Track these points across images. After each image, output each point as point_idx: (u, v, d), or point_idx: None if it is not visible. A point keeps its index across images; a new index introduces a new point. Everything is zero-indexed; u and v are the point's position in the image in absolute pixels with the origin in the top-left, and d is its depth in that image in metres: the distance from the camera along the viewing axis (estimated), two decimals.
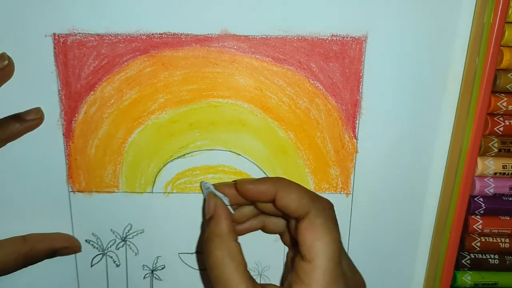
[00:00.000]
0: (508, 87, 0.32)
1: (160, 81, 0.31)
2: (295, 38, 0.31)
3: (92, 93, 0.31)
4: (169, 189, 0.34)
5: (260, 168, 0.34)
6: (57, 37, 0.30)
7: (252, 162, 0.33)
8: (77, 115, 0.32)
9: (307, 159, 0.33)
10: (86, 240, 0.35)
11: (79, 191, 0.33)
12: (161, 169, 0.33)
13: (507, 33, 0.31)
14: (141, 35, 0.30)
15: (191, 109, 0.32)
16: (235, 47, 0.31)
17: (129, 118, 0.32)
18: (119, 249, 0.35)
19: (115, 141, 0.32)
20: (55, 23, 0.30)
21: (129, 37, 0.30)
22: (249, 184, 0.28)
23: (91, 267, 0.35)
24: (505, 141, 0.33)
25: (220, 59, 0.31)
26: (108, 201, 0.34)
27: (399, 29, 0.31)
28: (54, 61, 0.30)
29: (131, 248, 0.35)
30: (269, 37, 0.31)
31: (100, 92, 0.31)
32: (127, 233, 0.35)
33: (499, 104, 0.32)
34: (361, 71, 0.32)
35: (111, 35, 0.30)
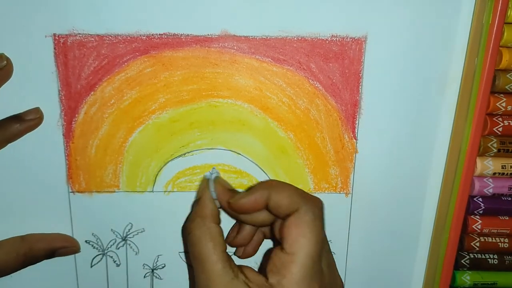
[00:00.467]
0: (507, 87, 0.32)
1: (160, 81, 0.31)
2: (295, 38, 0.31)
3: (92, 93, 0.31)
4: (170, 188, 0.34)
5: (260, 167, 0.34)
6: (57, 38, 0.30)
7: (252, 161, 0.34)
8: (77, 115, 0.32)
9: (307, 159, 0.34)
10: (86, 240, 0.34)
11: (79, 192, 0.33)
12: (162, 168, 0.33)
13: (506, 34, 0.31)
14: (141, 35, 0.30)
15: (191, 109, 0.32)
16: (235, 48, 0.31)
17: (130, 118, 0.32)
18: (119, 249, 0.35)
19: (115, 141, 0.32)
20: (55, 23, 0.30)
21: (129, 38, 0.30)
22: (242, 199, 0.28)
23: (91, 267, 0.35)
24: (504, 141, 0.33)
25: (220, 59, 0.31)
26: (108, 201, 0.34)
27: (399, 30, 0.31)
28: (54, 62, 0.30)
29: (131, 247, 0.35)
30: (269, 37, 0.31)
31: (100, 92, 0.31)
32: (128, 233, 0.35)
33: (498, 104, 0.32)
34: (360, 71, 0.32)
35: (111, 36, 0.30)
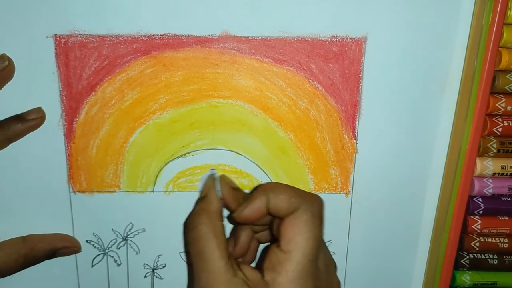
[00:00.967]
0: (506, 88, 0.32)
1: (161, 81, 0.31)
2: (295, 39, 0.31)
3: (93, 93, 0.32)
4: (170, 188, 0.34)
5: (260, 167, 0.34)
6: (58, 38, 0.30)
7: (252, 161, 0.34)
8: (78, 115, 0.32)
9: (307, 159, 0.34)
10: (86, 240, 0.35)
11: (79, 192, 0.33)
12: (162, 168, 0.33)
13: (505, 34, 0.31)
14: (142, 36, 0.30)
15: (192, 109, 0.32)
16: (236, 48, 0.31)
17: (130, 118, 0.32)
18: (120, 249, 0.35)
19: (116, 141, 0.33)
20: (57, 24, 0.30)
21: (130, 38, 0.30)
22: (244, 210, 0.28)
23: (92, 267, 0.35)
24: (504, 142, 0.33)
25: (220, 60, 0.31)
26: (109, 201, 0.34)
27: (399, 30, 0.31)
28: (55, 62, 0.31)
29: (132, 247, 0.35)
30: (269, 38, 0.31)
31: (101, 92, 0.32)
32: (128, 233, 0.35)
33: (497, 105, 0.32)
34: (360, 72, 0.32)
35: (112, 36, 0.30)
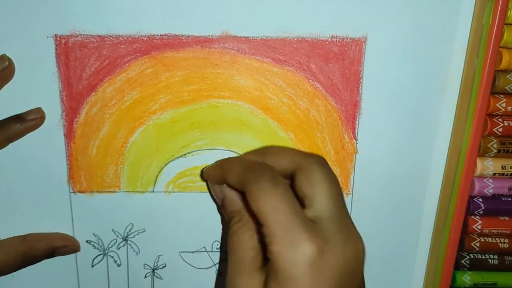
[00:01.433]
0: (507, 88, 0.32)
1: (161, 81, 0.31)
2: (295, 39, 0.31)
3: (93, 93, 0.32)
4: (171, 189, 0.34)
5: None
6: (58, 38, 0.30)
7: None
8: (78, 115, 0.32)
9: None
10: (87, 240, 0.35)
11: (80, 192, 0.33)
12: (163, 168, 0.33)
13: (506, 35, 0.31)
14: (142, 36, 0.30)
15: (192, 109, 0.32)
16: (236, 48, 0.31)
17: (131, 118, 0.32)
18: (120, 249, 0.35)
19: (116, 141, 0.33)
20: (57, 24, 0.30)
21: (130, 38, 0.30)
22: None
23: (92, 267, 0.35)
24: (504, 142, 0.33)
25: (220, 60, 0.31)
26: (109, 201, 0.34)
27: (399, 30, 0.31)
28: (55, 62, 0.31)
29: (132, 247, 0.35)
30: (269, 38, 0.31)
31: (101, 92, 0.32)
32: (129, 233, 0.35)
33: (498, 105, 0.32)
34: (360, 72, 0.32)
35: (112, 36, 0.30)
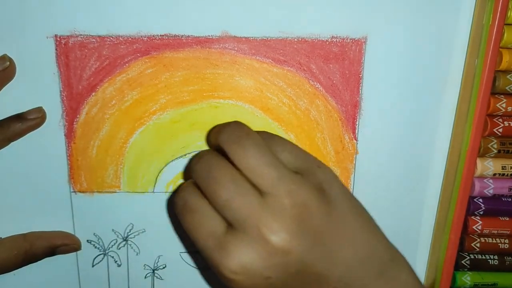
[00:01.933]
0: (507, 88, 0.32)
1: (161, 82, 0.31)
2: (295, 39, 0.31)
3: (93, 94, 0.32)
4: (171, 189, 0.34)
5: None
6: (58, 39, 0.30)
7: None
8: (78, 115, 0.32)
9: None
10: (87, 240, 0.35)
11: (80, 192, 0.33)
12: (163, 169, 0.33)
13: (506, 35, 0.31)
14: (142, 36, 0.30)
15: (192, 110, 0.32)
16: (236, 49, 0.31)
17: (131, 118, 0.32)
18: (120, 249, 0.35)
19: (116, 141, 0.33)
20: (57, 24, 0.30)
21: (130, 39, 0.30)
22: None
23: (93, 267, 0.35)
24: (504, 142, 0.33)
25: (220, 60, 0.31)
26: (109, 201, 0.34)
27: (399, 30, 0.31)
28: (55, 63, 0.31)
29: (132, 247, 0.35)
30: (269, 38, 0.31)
31: (101, 93, 0.32)
32: (129, 233, 0.35)
33: (498, 105, 0.32)
34: (361, 72, 0.32)
35: (112, 37, 0.30)
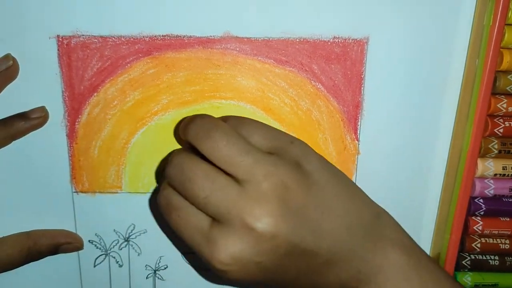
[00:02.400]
0: (508, 88, 0.32)
1: (163, 82, 0.31)
2: (297, 40, 0.31)
3: (95, 94, 0.32)
4: None
5: None
6: (61, 39, 0.30)
7: None
8: (80, 116, 0.32)
9: None
10: (89, 240, 0.35)
11: (82, 192, 0.33)
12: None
13: (507, 35, 0.31)
14: (144, 37, 0.30)
15: (194, 110, 0.32)
16: (238, 49, 0.31)
17: (132, 119, 0.32)
18: (122, 249, 0.35)
19: (118, 142, 0.33)
20: (59, 25, 0.30)
21: (132, 39, 0.30)
22: None
23: (94, 267, 0.35)
24: (505, 143, 0.33)
25: (222, 60, 0.31)
26: (111, 202, 0.34)
27: (400, 31, 0.31)
28: (58, 63, 0.31)
29: (134, 248, 0.35)
30: (271, 39, 0.31)
31: (103, 93, 0.32)
32: (130, 233, 0.35)
33: (499, 105, 0.32)
34: (362, 73, 0.32)
35: (114, 37, 0.30)
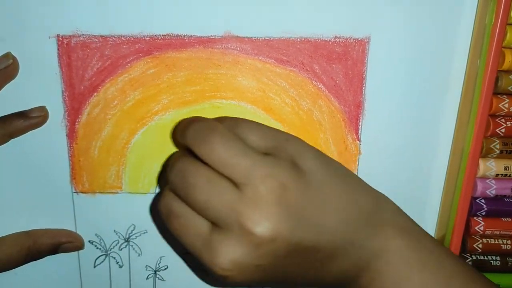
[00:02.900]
0: (509, 88, 0.32)
1: (163, 82, 0.31)
2: (298, 39, 0.31)
3: (95, 94, 0.31)
4: None
5: None
6: (61, 39, 0.30)
7: None
8: (80, 116, 0.32)
9: None
10: (89, 240, 0.34)
11: (82, 192, 0.33)
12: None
13: (508, 35, 0.31)
14: (144, 36, 0.30)
15: (194, 110, 0.32)
16: (238, 49, 0.31)
17: (133, 119, 0.32)
18: (122, 250, 0.35)
19: (118, 142, 0.32)
20: (59, 24, 0.30)
21: (133, 39, 0.30)
22: None
23: (94, 267, 0.35)
24: (507, 143, 0.33)
25: (223, 60, 0.31)
26: (111, 202, 0.34)
27: (402, 31, 0.31)
28: (58, 63, 0.30)
29: (134, 248, 0.35)
30: (272, 38, 0.31)
31: (103, 93, 0.31)
32: (130, 234, 0.35)
33: (500, 105, 0.32)
34: (364, 72, 0.32)
35: (115, 37, 0.30)
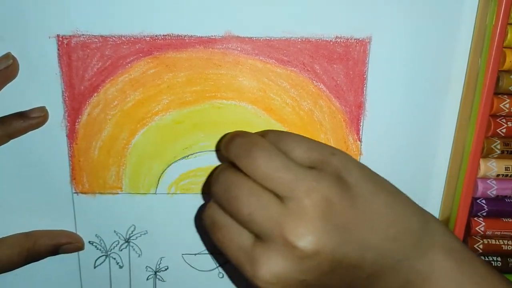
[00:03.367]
0: (510, 88, 0.32)
1: (163, 82, 0.31)
2: (299, 40, 0.31)
3: (95, 94, 0.31)
4: (173, 190, 0.34)
5: None
6: (61, 39, 0.30)
7: None
8: (80, 116, 0.32)
9: None
10: (89, 241, 0.34)
11: (82, 193, 0.33)
12: (165, 170, 0.33)
13: (509, 35, 0.31)
14: (144, 36, 0.30)
15: (194, 111, 0.32)
16: (239, 49, 0.31)
17: (133, 119, 0.32)
18: (122, 251, 0.35)
19: (118, 142, 0.32)
20: (59, 24, 0.30)
21: (133, 39, 0.30)
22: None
23: (94, 268, 0.35)
24: (508, 143, 0.33)
25: (223, 60, 0.31)
26: (111, 203, 0.34)
27: (403, 31, 0.31)
28: (58, 63, 0.30)
29: (134, 249, 0.35)
30: (272, 39, 0.31)
31: (103, 93, 0.31)
32: (131, 235, 0.35)
33: (501, 105, 0.32)
34: (365, 73, 0.32)
35: (115, 37, 0.30)
